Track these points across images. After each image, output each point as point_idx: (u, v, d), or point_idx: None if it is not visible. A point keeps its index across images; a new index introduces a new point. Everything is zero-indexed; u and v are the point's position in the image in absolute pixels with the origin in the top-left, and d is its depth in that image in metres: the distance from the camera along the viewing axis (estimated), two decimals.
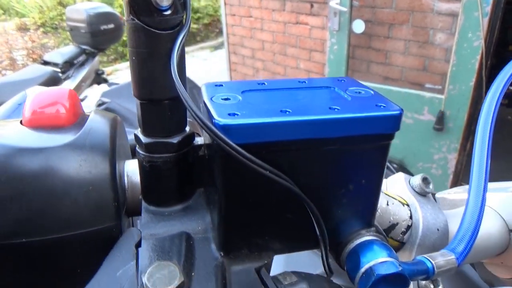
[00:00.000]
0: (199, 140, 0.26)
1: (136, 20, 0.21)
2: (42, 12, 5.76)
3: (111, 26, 2.06)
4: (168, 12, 0.21)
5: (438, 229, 0.34)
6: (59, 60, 2.02)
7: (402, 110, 0.22)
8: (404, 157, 2.31)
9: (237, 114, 0.20)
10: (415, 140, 2.23)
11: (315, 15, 2.49)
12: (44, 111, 0.26)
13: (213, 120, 0.20)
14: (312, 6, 2.48)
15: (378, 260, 0.24)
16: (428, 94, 2.12)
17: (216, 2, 6.68)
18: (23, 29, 5.55)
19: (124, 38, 2.43)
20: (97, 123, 0.26)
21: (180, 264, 0.22)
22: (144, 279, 0.21)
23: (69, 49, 2.11)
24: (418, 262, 0.27)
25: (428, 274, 0.26)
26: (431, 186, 0.36)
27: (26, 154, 0.23)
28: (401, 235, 0.34)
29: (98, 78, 2.25)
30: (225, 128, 0.19)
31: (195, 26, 6.77)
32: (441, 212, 0.35)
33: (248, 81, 0.26)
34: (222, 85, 0.25)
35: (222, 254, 0.24)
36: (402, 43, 2.20)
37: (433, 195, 0.45)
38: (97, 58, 2.20)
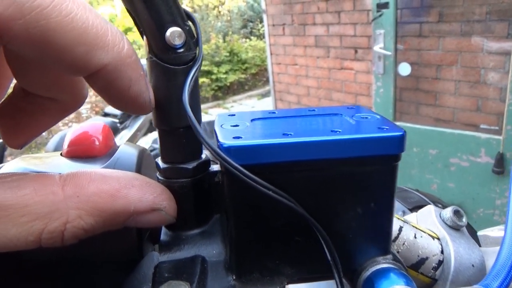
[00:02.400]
0: (215, 167, 0.27)
1: (154, 58, 0.23)
2: None
3: None
4: (181, 50, 0.23)
5: (473, 265, 0.32)
6: (118, 112, 2.20)
7: (404, 132, 0.22)
8: (462, 203, 2.16)
9: (241, 137, 0.21)
10: (473, 184, 2.09)
11: (359, 60, 2.52)
12: (80, 143, 0.29)
13: (218, 143, 0.21)
14: (356, 51, 2.52)
15: (393, 287, 0.23)
16: (484, 135, 2.01)
17: (263, 53, 6.96)
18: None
19: None
20: (125, 154, 0.29)
21: (193, 285, 0.23)
22: None
23: None
24: None
25: None
26: (464, 219, 0.34)
27: None
28: (432, 270, 0.32)
29: (152, 127, 2.40)
30: (228, 150, 0.21)
31: (243, 76, 7.06)
32: (476, 247, 0.33)
33: (259, 111, 0.27)
34: (234, 115, 0.27)
35: (234, 277, 0.24)
36: (452, 83, 2.14)
37: (475, 232, 0.42)
38: None
